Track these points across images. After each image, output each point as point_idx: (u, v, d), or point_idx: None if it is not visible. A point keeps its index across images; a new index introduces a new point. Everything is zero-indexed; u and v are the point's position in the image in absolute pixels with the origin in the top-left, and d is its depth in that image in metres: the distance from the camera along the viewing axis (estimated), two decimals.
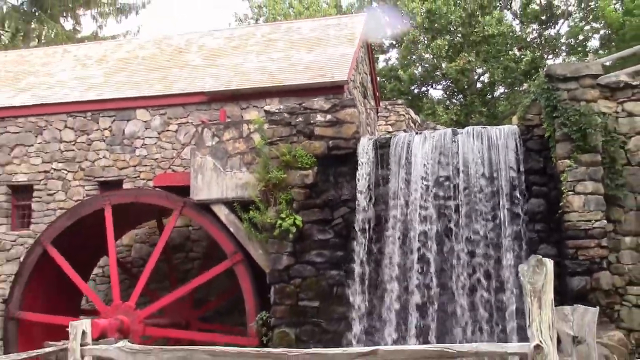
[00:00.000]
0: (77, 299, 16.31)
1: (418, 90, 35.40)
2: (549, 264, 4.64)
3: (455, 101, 35.11)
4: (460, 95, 34.59)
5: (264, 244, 13.24)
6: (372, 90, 21.46)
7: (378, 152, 12.78)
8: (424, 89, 35.81)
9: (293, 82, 16.26)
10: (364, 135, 14.03)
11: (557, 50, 33.68)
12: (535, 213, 11.87)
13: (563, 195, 11.34)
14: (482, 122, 28.27)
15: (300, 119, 13.23)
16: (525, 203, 11.93)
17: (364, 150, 12.85)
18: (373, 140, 13.03)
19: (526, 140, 12.23)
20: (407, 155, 12.56)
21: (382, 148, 12.81)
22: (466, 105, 33.32)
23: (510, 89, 33.60)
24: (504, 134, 12.31)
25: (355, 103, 13.68)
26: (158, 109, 17.08)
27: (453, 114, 32.33)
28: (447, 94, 35.79)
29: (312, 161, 12.92)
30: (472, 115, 32.27)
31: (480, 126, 12.98)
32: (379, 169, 12.74)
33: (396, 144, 12.76)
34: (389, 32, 34.55)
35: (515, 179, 12.01)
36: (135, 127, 17.14)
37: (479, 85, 34.51)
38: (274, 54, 18.55)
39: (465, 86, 33.34)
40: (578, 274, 11.01)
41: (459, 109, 33.44)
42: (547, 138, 11.90)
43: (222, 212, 13.96)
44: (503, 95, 34.45)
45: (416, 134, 13.08)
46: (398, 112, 23.67)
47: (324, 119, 13.12)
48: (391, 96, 31.95)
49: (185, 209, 14.18)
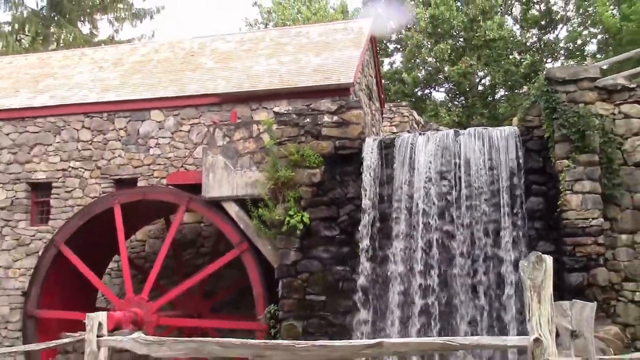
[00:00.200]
0: (93, 295, 16.34)
1: (421, 93, 35.35)
2: (549, 261, 4.62)
3: (457, 103, 35.05)
4: (462, 97, 34.52)
5: (273, 240, 13.25)
6: (377, 93, 21.41)
7: (383, 152, 12.77)
8: (427, 91, 35.78)
9: (301, 85, 16.24)
10: (369, 135, 13.99)
11: (556, 54, 33.57)
12: (534, 211, 11.84)
13: (561, 194, 11.31)
14: (483, 124, 28.17)
15: (308, 119, 13.22)
16: (525, 201, 11.89)
17: (369, 150, 12.84)
18: (378, 141, 13.01)
19: (526, 140, 12.19)
20: (411, 155, 12.54)
21: (387, 148, 12.80)
22: (468, 107, 33.25)
23: (511, 92, 33.50)
24: (505, 135, 12.28)
25: (361, 105, 13.65)
26: (172, 110, 17.09)
27: (455, 115, 32.27)
28: (450, 96, 35.73)
29: (319, 160, 12.92)
30: (474, 117, 32.19)
31: (482, 127, 12.94)
32: (383, 168, 12.72)
33: (400, 144, 12.74)
34: (392, 26, 34.41)
35: (515, 178, 11.97)
36: (150, 128, 17.16)
37: (480, 87, 34.43)
38: (283, 57, 18.53)
39: (467, 89, 33.26)
40: (576, 270, 10.97)
41: (461, 110, 33.39)
42: (547, 139, 11.87)
43: (233, 209, 13.97)
44: (503, 98, 34.35)
45: (420, 134, 13.06)
46: (402, 114, 23.66)
47: (331, 120, 13.11)
48: (395, 98, 31.90)
49: (191, 204, 14.22)
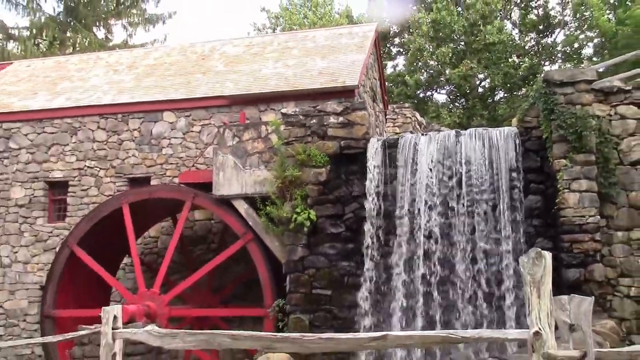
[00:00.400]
0: (107, 292, 16.32)
1: (423, 95, 35.29)
2: (548, 257, 4.60)
3: (458, 105, 34.97)
4: (463, 99, 34.45)
5: (280, 237, 13.26)
6: (381, 94, 21.40)
7: (387, 152, 12.75)
8: (429, 93, 35.71)
9: (308, 87, 16.23)
10: (374, 136, 13.98)
11: (554, 57, 33.46)
12: (532, 209, 11.80)
13: (559, 193, 11.28)
14: (483, 124, 28.12)
15: (315, 120, 13.21)
16: (524, 200, 11.86)
17: (374, 150, 12.82)
18: (382, 141, 13.00)
19: (525, 141, 12.15)
20: (414, 155, 12.52)
21: (391, 148, 12.78)
22: (468, 109, 33.17)
23: (510, 94, 33.41)
24: (504, 135, 12.24)
25: (366, 106, 13.64)
26: (183, 112, 17.12)
27: (456, 116, 32.21)
28: (451, 98, 35.66)
29: (325, 160, 12.91)
30: (474, 118, 32.12)
31: (482, 128, 12.90)
32: (387, 167, 12.70)
33: (403, 144, 12.72)
34: (391, 18, 34.50)
35: (514, 177, 11.94)
36: (162, 128, 17.18)
37: (481, 90, 34.34)
38: (290, 60, 18.53)
39: (468, 91, 33.18)
40: (573, 266, 10.93)
41: (462, 112, 33.31)
42: (545, 139, 11.84)
43: (242, 207, 13.98)
44: (503, 99, 34.25)
45: (422, 135, 13.03)
46: (405, 115, 23.62)
47: (337, 121, 13.10)
48: (398, 100, 31.85)
49: (196, 200, 14.25)
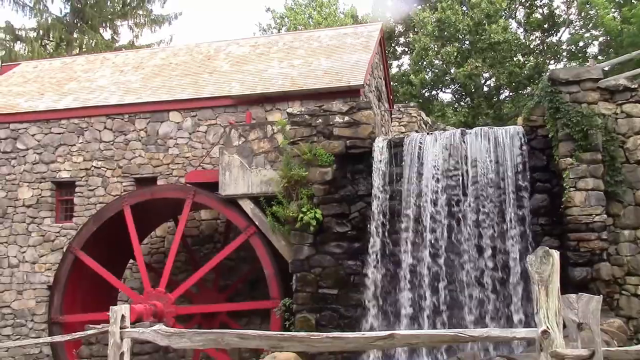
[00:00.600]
0: (114, 295, 16.32)
1: (429, 94, 35.22)
2: (556, 255, 4.57)
3: (464, 104, 34.92)
4: (468, 98, 34.38)
5: (287, 236, 13.25)
6: (386, 94, 21.36)
7: (392, 151, 12.72)
8: (434, 92, 35.64)
9: (313, 87, 16.22)
10: (379, 135, 13.96)
11: (559, 56, 33.33)
12: (539, 207, 11.75)
13: (565, 191, 11.22)
14: (489, 123, 28.03)
15: (320, 120, 13.20)
16: (530, 198, 11.81)
17: (379, 149, 12.80)
18: (387, 140, 12.97)
19: (530, 139, 12.10)
20: (420, 154, 12.49)
21: (396, 147, 12.75)
22: (474, 108, 33.10)
23: (515, 93, 33.31)
24: (510, 134, 12.20)
25: (371, 105, 13.62)
26: (189, 112, 17.13)
27: (461, 115, 32.16)
28: (456, 97, 35.61)
29: (331, 159, 12.90)
30: (479, 117, 32.06)
31: (487, 127, 12.86)
32: (393, 166, 12.67)
33: (409, 143, 12.69)
34: (396, 18, 34.48)
35: (520, 175, 11.89)
36: (169, 128, 17.20)
37: (486, 89, 34.27)
38: (295, 60, 18.52)
39: (473, 90, 33.11)
40: (579, 264, 10.88)
41: (467, 111, 33.25)
42: (550, 138, 11.78)
43: (248, 206, 13.98)
44: (508, 98, 34.17)
45: (428, 134, 13.00)
46: (410, 114, 23.58)
47: (342, 120, 13.08)
48: (404, 99, 31.81)
49: (196, 197, 14.27)
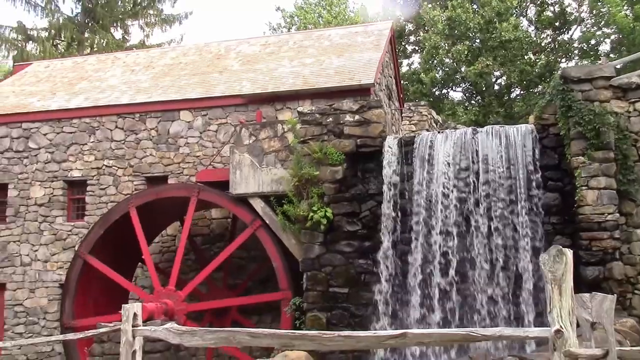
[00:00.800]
0: (124, 296, 16.35)
1: (439, 92, 35.10)
2: (569, 254, 4.54)
3: (474, 102, 34.77)
4: (479, 96, 34.23)
5: (297, 235, 13.25)
6: (397, 93, 21.31)
7: (403, 150, 12.70)
8: (444, 91, 35.50)
9: (324, 85, 16.20)
10: (390, 134, 13.94)
11: (570, 54, 33.10)
12: (550, 206, 11.68)
13: (577, 190, 11.16)
14: (500, 122, 27.89)
15: (331, 119, 13.19)
16: (542, 197, 11.75)
17: (390, 147, 12.77)
18: (398, 139, 12.95)
19: (542, 138, 12.04)
20: (430, 152, 12.45)
21: (407, 146, 12.72)
22: (484, 106, 32.96)
23: (526, 91, 33.13)
24: (521, 133, 12.14)
25: (382, 104, 13.59)
26: (200, 111, 17.17)
27: (472, 114, 32.04)
28: (467, 95, 35.45)
29: (342, 158, 12.88)
30: (490, 116, 31.91)
31: (499, 125, 12.80)
32: (403, 165, 12.64)
33: (420, 142, 12.65)
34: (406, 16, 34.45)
35: (532, 174, 11.83)
36: (179, 127, 17.24)
37: (497, 87, 34.10)
38: (305, 59, 18.52)
39: (484, 88, 32.96)
40: (592, 264, 10.82)
41: (478, 109, 33.11)
42: (562, 136, 11.73)
43: (259, 205, 13.99)
44: (519, 97, 33.98)
45: (438, 132, 12.96)
46: (421, 113, 23.55)
47: (353, 119, 13.07)
48: (414, 98, 31.72)
49: (201, 194, 14.30)
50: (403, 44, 35.94)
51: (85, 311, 15.10)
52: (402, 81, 28.32)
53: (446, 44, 32.24)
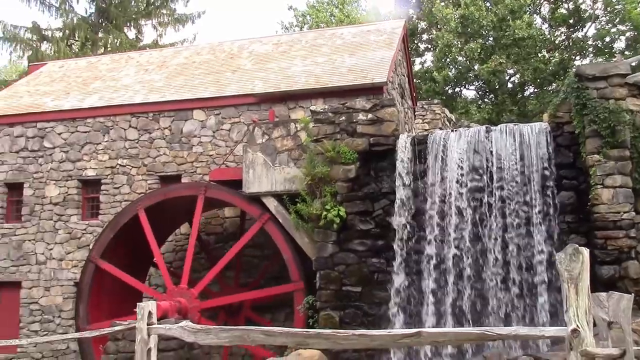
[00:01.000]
0: (138, 298, 16.39)
1: (452, 91, 34.98)
2: (585, 253, 4.51)
3: (487, 101, 34.62)
4: (492, 95, 34.09)
5: (310, 233, 13.26)
6: (410, 91, 21.26)
7: (416, 148, 12.65)
8: (457, 89, 35.38)
9: (336, 84, 16.20)
10: (403, 132, 13.90)
11: (585, 51, 32.87)
12: (565, 205, 11.59)
13: (592, 189, 11.07)
14: (513, 120, 27.79)
15: (344, 118, 13.17)
16: (556, 195, 11.67)
17: (403, 146, 12.73)
18: (411, 138, 12.90)
19: (556, 136, 11.94)
20: (444, 151, 12.40)
21: (420, 144, 12.67)
22: (498, 104, 32.81)
23: (540, 89, 32.94)
24: (535, 131, 12.05)
25: (394, 103, 13.56)
26: (213, 110, 17.22)
27: (485, 112, 31.89)
28: (480, 93, 35.31)
29: (355, 157, 12.86)
30: (504, 114, 31.76)
31: (513, 123, 12.71)
32: (416, 163, 12.60)
33: (433, 141, 12.60)
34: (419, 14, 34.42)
35: (546, 173, 11.75)
36: (192, 126, 17.31)
37: (510, 85, 33.94)
38: (318, 58, 18.51)
39: (497, 86, 32.82)
40: (607, 263, 10.73)
41: (491, 108, 32.96)
42: (577, 134, 11.62)
43: (272, 204, 14.02)
44: (533, 95, 33.79)
45: (452, 131, 12.90)
46: (434, 111, 23.49)
47: (366, 118, 13.04)
48: (427, 96, 31.64)
49: (208, 192, 14.36)
50: (415, 42, 35.85)
51: (99, 314, 15.20)
52: (415, 79, 28.23)
53: (459, 42, 32.12)
